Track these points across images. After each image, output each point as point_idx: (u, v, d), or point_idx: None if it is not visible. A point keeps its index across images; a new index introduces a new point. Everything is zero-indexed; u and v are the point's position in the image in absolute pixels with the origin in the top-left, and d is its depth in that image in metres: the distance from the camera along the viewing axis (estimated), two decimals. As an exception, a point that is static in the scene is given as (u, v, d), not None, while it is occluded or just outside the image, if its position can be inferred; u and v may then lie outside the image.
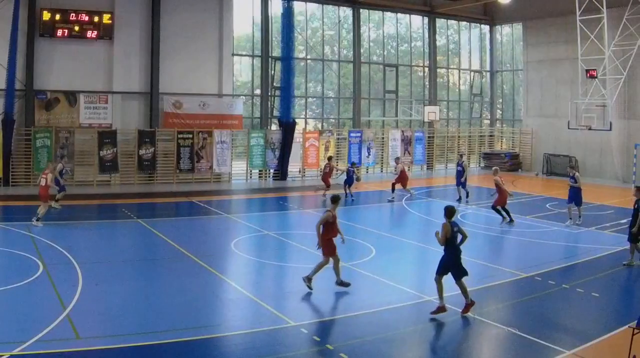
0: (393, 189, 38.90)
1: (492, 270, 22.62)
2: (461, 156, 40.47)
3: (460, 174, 38.92)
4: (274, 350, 14.78)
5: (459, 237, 17.66)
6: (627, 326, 14.81)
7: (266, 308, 17.70)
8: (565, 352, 14.91)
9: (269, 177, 47.59)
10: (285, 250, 25.74)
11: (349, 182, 38.91)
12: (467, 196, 39.09)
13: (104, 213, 32.42)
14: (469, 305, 17.36)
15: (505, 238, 28.79)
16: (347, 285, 19.31)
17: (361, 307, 17.80)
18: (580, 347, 15.28)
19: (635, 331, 13.56)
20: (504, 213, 31.60)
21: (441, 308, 17.30)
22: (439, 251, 18.66)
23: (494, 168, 34.55)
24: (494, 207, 31.99)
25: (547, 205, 37.31)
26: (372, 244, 26.21)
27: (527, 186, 47.43)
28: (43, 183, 28.61)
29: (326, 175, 39.48)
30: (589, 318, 17.81)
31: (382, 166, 54.33)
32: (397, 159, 42.49)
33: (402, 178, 39.06)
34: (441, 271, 17.64)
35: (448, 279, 17.51)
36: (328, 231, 19.34)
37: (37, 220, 27.63)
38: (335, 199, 19.70)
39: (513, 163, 57.70)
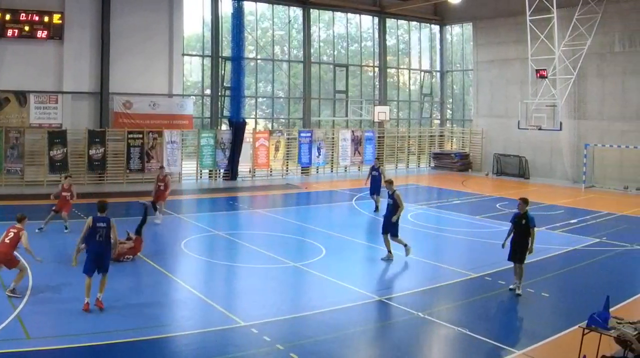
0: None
1: (442, 270, 22.87)
2: (377, 159, 38.60)
3: (378, 180, 35.35)
4: (224, 350, 14.90)
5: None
6: (577, 326, 14.95)
7: (216, 308, 17.82)
8: (516, 352, 15.13)
9: (219, 177, 47.65)
10: (235, 250, 25.80)
11: None
12: (377, 209, 35.35)
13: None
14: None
15: (455, 238, 28.99)
16: None
17: (312, 307, 17.94)
18: (530, 346, 15.49)
19: (586, 331, 13.82)
20: None
21: (389, 254, 22.71)
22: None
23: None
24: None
25: (497, 205, 37.62)
26: (322, 244, 26.39)
27: (477, 186, 47.80)
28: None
29: None
30: (539, 318, 18.02)
31: (332, 166, 54.52)
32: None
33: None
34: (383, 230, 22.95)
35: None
36: None
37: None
38: None
39: (463, 163, 58.10)
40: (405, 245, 24.10)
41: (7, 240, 18.69)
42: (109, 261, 18.00)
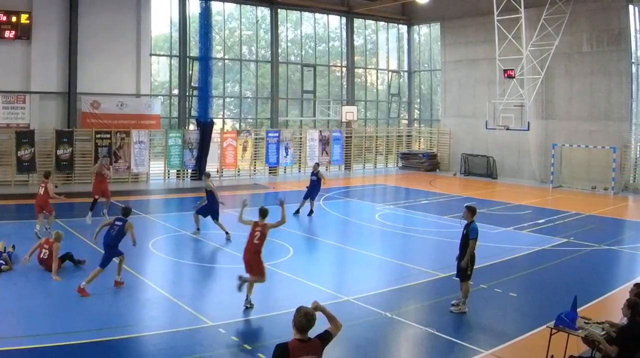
0: None
1: (410, 270, 22.89)
2: (317, 165, 38.06)
3: (317, 185, 34.87)
4: (192, 350, 14.86)
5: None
6: (545, 326, 15.00)
7: (184, 308, 17.79)
8: (483, 352, 15.17)
9: (187, 177, 47.49)
10: (202, 250, 25.76)
11: None
12: (311, 213, 34.31)
13: (21, 213, 31.97)
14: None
15: (423, 238, 29.06)
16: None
17: (279, 307, 17.90)
18: (498, 347, 15.53)
19: (553, 331, 13.83)
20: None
21: None
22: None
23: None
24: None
25: (464, 205, 37.65)
26: (290, 244, 26.39)
27: (444, 186, 47.99)
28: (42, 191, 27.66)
29: None
30: (507, 318, 18.19)
31: (299, 166, 54.48)
32: None
33: None
34: None
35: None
36: None
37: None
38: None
39: (431, 163, 58.26)
40: None
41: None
42: (118, 249, 19.94)
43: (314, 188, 34.80)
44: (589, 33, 46.74)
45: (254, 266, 18.24)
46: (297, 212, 34.27)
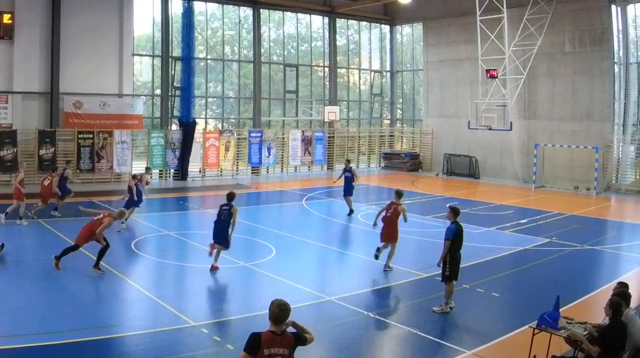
0: None
1: (392, 270, 22.82)
2: (349, 161, 37.97)
3: (351, 181, 34.66)
4: (174, 350, 14.83)
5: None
6: (527, 326, 14.89)
7: (167, 308, 17.71)
8: (466, 352, 15.15)
9: (169, 177, 47.43)
10: (185, 250, 25.71)
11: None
12: (351, 213, 34.34)
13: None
14: None
15: (405, 238, 28.98)
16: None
17: (262, 306, 17.69)
18: (480, 346, 15.52)
19: (536, 331, 13.82)
20: None
21: None
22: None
23: None
24: None
25: (447, 205, 37.69)
26: (273, 244, 26.33)
27: (427, 186, 48.01)
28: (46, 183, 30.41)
29: None
30: (489, 318, 18.19)
31: (282, 166, 54.48)
32: None
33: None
34: None
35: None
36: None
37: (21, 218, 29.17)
38: None
39: (413, 163, 58.30)
40: None
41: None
42: (227, 237, 21.92)
43: (349, 185, 34.65)
44: (571, 33, 46.89)
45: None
46: (351, 212, 34.30)
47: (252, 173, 51.83)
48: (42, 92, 42.18)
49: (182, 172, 46.34)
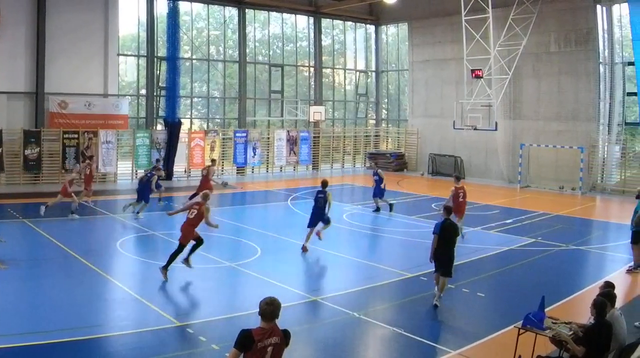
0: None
1: (377, 270, 22.87)
2: (376, 164, 37.75)
3: (380, 183, 35.14)
4: (159, 350, 14.78)
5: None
6: (512, 326, 14.97)
7: (152, 308, 17.68)
8: (451, 352, 15.16)
9: (155, 177, 47.29)
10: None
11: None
12: (378, 210, 35.29)
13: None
14: None
15: (390, 238, 29.08)
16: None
17: (247, 306, 17.79)
18: (466, 346, 15.53)
19: (521, 331, 13.82)
20: None
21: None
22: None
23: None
24: None
25: (432, 205, 37.79)
26: (258, 244, 26.36)
27: (412, 186, 48.02)
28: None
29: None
30: (474, 318, 18.22)
31: (267, 166, 54.42)
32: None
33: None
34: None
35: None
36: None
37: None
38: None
39: (398, 163, 58.33)
40: None
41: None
42: (324, 216, 25.33)
43: (379, 188, 35.27)
44: (556, 33, 47.02)
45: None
46: (391, 208, 35.06)
47: (237, 173, 51.76)
48: (27, 92, 42.00)
49: (167, 172, 46.23)
